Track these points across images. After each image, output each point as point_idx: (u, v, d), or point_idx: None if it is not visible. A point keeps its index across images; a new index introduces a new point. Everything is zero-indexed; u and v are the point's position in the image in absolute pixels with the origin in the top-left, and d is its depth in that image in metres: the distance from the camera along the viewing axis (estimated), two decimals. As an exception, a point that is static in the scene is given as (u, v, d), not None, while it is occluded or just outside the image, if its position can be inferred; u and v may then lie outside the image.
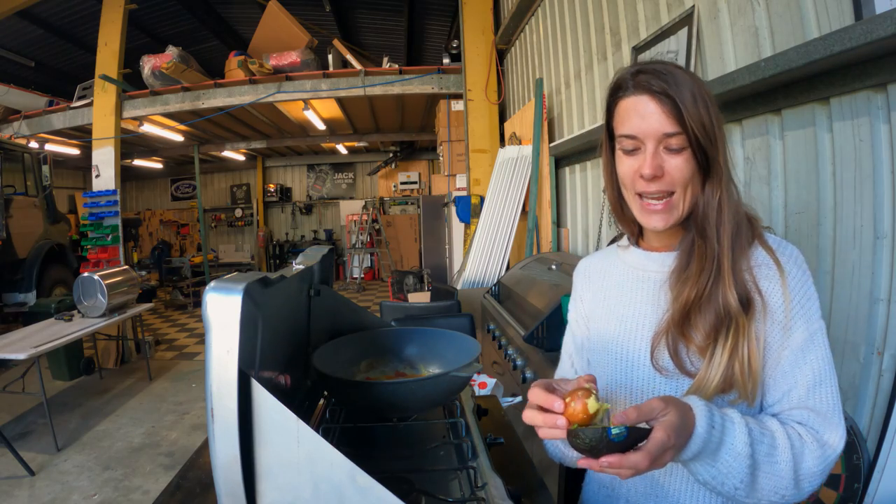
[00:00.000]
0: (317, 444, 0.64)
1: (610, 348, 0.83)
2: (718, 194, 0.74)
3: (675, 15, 1.94)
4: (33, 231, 5.88)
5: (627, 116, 0.74)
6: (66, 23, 6.33)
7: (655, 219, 0.76)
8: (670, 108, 0.71)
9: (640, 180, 0.74)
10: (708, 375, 0.70)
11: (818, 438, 0.68)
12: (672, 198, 0.74)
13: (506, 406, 1.51)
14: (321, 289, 1.12)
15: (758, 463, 0.65)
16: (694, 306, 0.73)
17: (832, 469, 1.18)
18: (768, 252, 0.75)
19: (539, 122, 3.37)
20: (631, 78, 0.74)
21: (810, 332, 0.72)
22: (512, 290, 2.54)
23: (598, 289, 0.90)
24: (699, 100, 0.71)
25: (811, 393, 0.70)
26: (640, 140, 0.73)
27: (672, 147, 0.72)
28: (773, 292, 0.73)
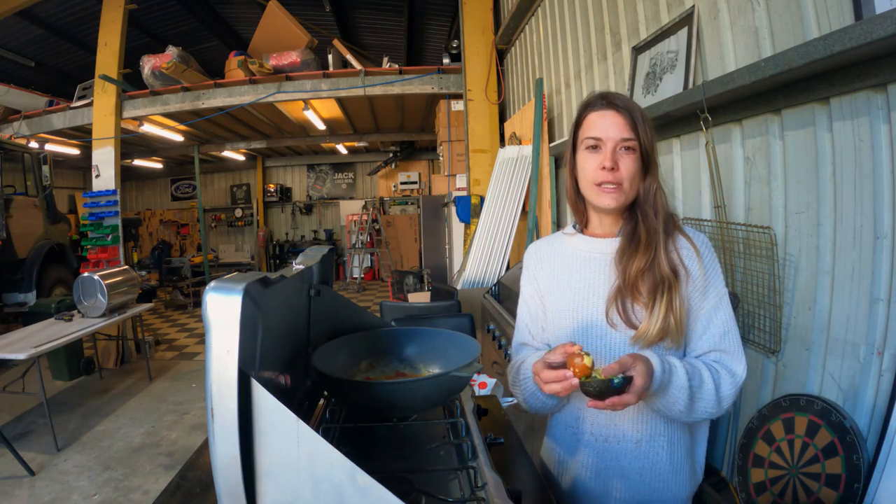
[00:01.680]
0: (317, 444, 0.64)
1: (568, 314, 1.05)
2: (655, 186, 1.01)
3: (675, 15, 1.94)
4: (33, 231, 5.88)
5: (595, 124, 1.01)
6: (66, 23, 6.32)
7: (608, 199, 1.00)
8: (629, 121, 0.98)
9: (600, 172, 0.99)
10: (650, 325, 0.95)
11: (729, 370, 0.97)
12: (622, 187, 0.99)
13: (506, 406, 1.50)
14: (321, 289, 1.12)
15: (693, 392, 0.92)
16: (641, 273, 0.97)
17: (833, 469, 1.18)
18: (687, 239, 1.02)
19: (539, 122, 3.37)
20: (599, 98, 1.02)
21: (718, 297, 1.00)
22: (512, 290, 2.54)
23: (551, 268, 1.12)
24: (645, 121, 1.00)
25: (721, 339, 0.99)
26: (602, 141, 0.99)
27: (626, 147, 0.98)
28: (693, 267, 0.99)
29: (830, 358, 1.32)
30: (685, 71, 1.82)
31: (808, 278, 1.39)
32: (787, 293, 1.45)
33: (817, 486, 1.26)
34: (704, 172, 1.76)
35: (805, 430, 1.32)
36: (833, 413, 1.27)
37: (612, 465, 1.02)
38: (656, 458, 1.01)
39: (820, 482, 1.26)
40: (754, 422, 1.48)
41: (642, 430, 1.01)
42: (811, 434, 1.31)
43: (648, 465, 1.01)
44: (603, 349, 1.01)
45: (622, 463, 1.02)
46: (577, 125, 1.05)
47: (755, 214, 1.57)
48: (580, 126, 1.04)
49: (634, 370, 0.85)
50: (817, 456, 1.28)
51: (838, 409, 1.26)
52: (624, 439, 1.02)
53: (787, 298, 1.45)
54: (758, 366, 1.55)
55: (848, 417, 1.24)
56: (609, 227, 1.07)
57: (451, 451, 1.01)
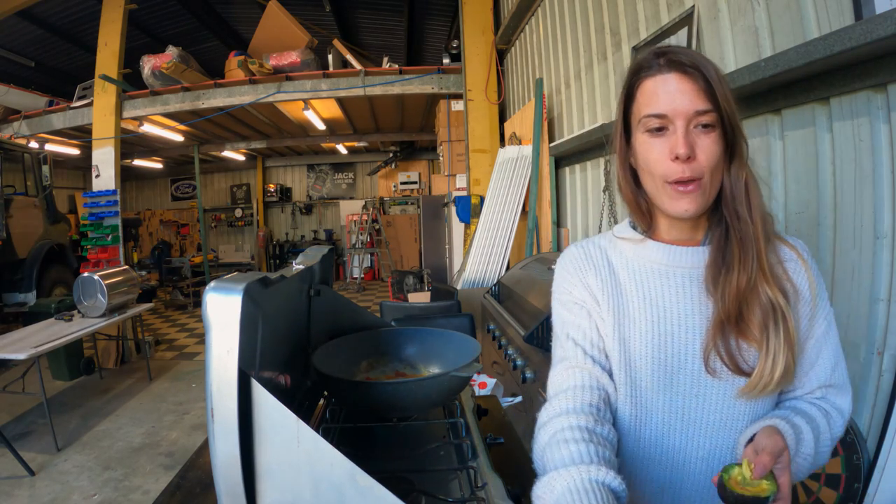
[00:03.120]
0: (317, 444, 0.64)
1: (644, 353, 0.76)
2: (744, 174, 0.73)
3: (675, 15, 1.94)
4: (33, 231, 5.88)
5: (654, 95, 0.71)
6: (66, 23, 6.32)
7: (686, 202, 0.71)
8: (702, 84, 0.69)
9: (671, 164, 0.70)
10: (766, 370, 0.70)
11: (838, 408, 0.77)
12: (702, 182, 0.70)
13: (506, 406, 1.50)
14: (321, 289, 1.12)
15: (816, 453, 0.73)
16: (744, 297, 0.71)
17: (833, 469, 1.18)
18: (789, 247, 0.77)
19: (539, 122, 3.37)
20: (655, 58, 0.72)
21: (828, 320, 0.77)
22: (512, 290, 2.54)
23: (613, 284, 0.80)
24: (722, 81, 0.70)
25: (833, 373, 0.77)
26: (669, 119, 0.70)
27: (703, 123, 0.70)
28: (802, 284, 0.75)
29: (830, 358, 1.32)
30: (685, 71, 1.82)
31: (808, 278, 1.39)
32: (787, 293, 1.45)
33: (817, 486, 1.26)
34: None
35: (805, 430, 1.32)
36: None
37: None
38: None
39: (820, 482, 1.26)
40: (754, 422, 1.47)
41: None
42: (811, 434, 1.31)
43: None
44: (694, 403, 0.74)
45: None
46: (627, 97, 0.76)
47: (755, 214, 1.56)
48: (632, 99, 0.75)
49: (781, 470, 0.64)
50: (817, 456, 1.28)
51: (838, 409, 1.26)
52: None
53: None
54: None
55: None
56: (688, 230, 0.78)
57: (451, 451, 1.01)
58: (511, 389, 2.09)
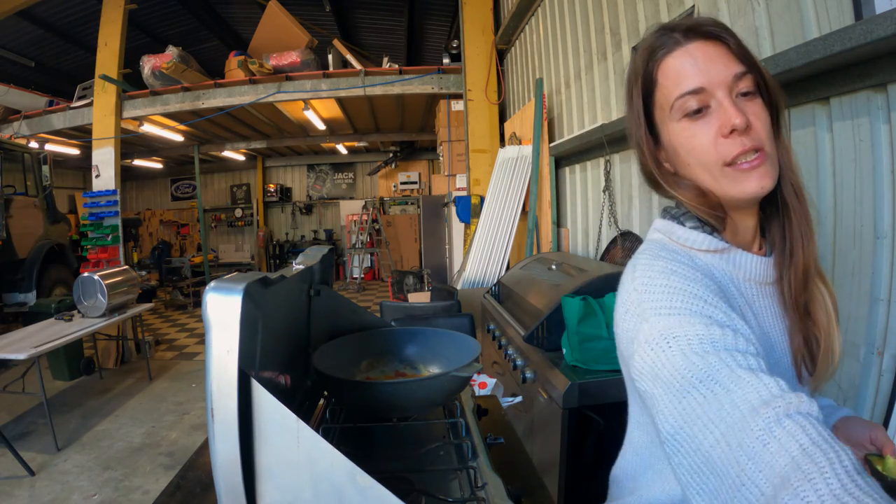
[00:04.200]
0: (317, 444, 0.64)
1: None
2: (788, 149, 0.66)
3: (674, 15, 1.94)
4: (33, 231, 5.88)
5: (683, 71, 0.61)
6: (66, 23, 6.32)
7: (756, 177, 0.60)
8: (733, 45, 0.61)
9: (725, 142, 0.60)
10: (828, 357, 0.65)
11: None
12: (766, 154, 0.60)
13: (506, 406, 1.51)
14: (321, 289, 1.12)
15: None
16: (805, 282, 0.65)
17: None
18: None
19: (539, 122, 3.37)
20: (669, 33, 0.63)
21: None
22: (512, 290, 2.54)
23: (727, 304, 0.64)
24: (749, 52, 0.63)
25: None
26: (707, 92, 0.60)
27: (743, 91, 0.61)
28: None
29: (830, 358, 1.32)
30: (685, 71, 1.82)
31: (808, 278, 1.39)
32: (787, 293, 1.45)
33: (817, 486, 1.26)
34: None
35: (805, 430, 1.32)
36: (833, 413, 1.27)
37: None
38: None
39: (820, 482, 1.26)
40: (754, 422, 1.47)
41: None
42: (811, 434, 1.30)
43: None
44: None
45: None
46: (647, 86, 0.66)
47: (755, 214, 1.57)
48: (655, 85, 0.65)
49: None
50: (817, 456, 1.28)
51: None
52: None
53: (787, 298, 1.44)
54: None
55: (848, 417, 1.24)
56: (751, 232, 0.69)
57: (451, 451, 1.01)
58: (511, 389, 2.09)
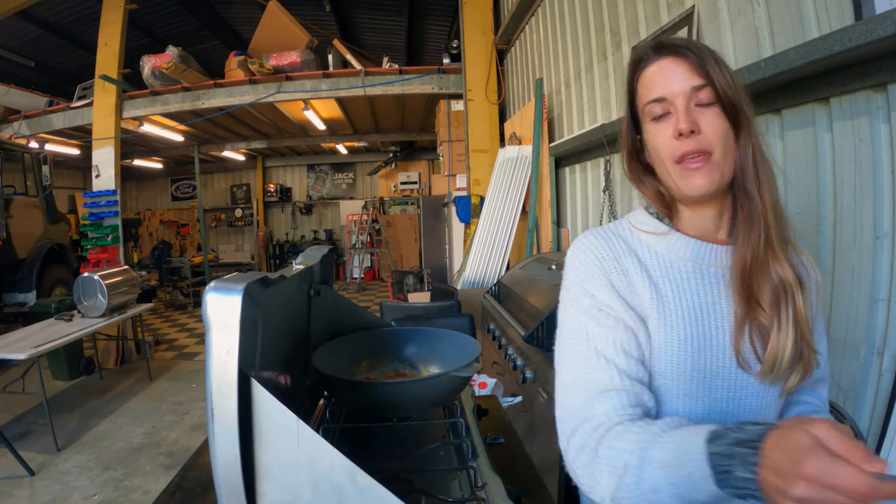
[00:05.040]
0: (317, 444, 0.64)
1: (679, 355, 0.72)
2: (751, 148, 0.72)
3: (675, 15, 1.94)
4: (33, 231, 5.88)
5: (653, 82, 0.73)
6: (66, 23, 6.32)
7: (697, 178, 0.70)
8: (695, 63, 0.71)
9: (676, 142, 0.71)
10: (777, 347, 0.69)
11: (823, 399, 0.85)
12: (713, 158, 0.70)
13: (506, 406, 1.51)
14: (321, 289, 1.12)
15: None
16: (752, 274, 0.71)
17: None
18: (803, 254, 0.81)
19: (539, 122, 3.37)
20: (650, 49, 0.75)
21: (824, 321, 0.86)
22: (512, 290, 2.54)
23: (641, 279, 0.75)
24: (718, 62, 0.72)
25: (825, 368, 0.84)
26: (669, 101, 0.71)
27: (702, 101, 0.71)
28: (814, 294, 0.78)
29: (830, 358, 1.32)
30: (685, 71, 1.82)
31: (808, 278, 1.39)
32: (787, 293, 1.45)
33: (817, 486, 1.26)
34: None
35: (805, 430, 1.32)
36: (833, 413, 1.26)
37: None
38: None
39: (820, 482, 1.26)
40: (754, 422, 1.47)
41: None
42: (811, 434, 1.30)
43: None
44: (732, 406, 0.73)
45: None
46: (631, 93, 0.78)
47: (755, 214, 1.57)
48: (635, 93, 0.77)
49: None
50: (817, 456, 1.28)
51: (838, 409, 1.26)
52: None
53: (787, 298, 1.45)
54: (758, 366, 1.55)
55: (848, 417, 1.24)
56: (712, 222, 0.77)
57: (451, 451, 1.01)
58: (511, 389, 2.09)
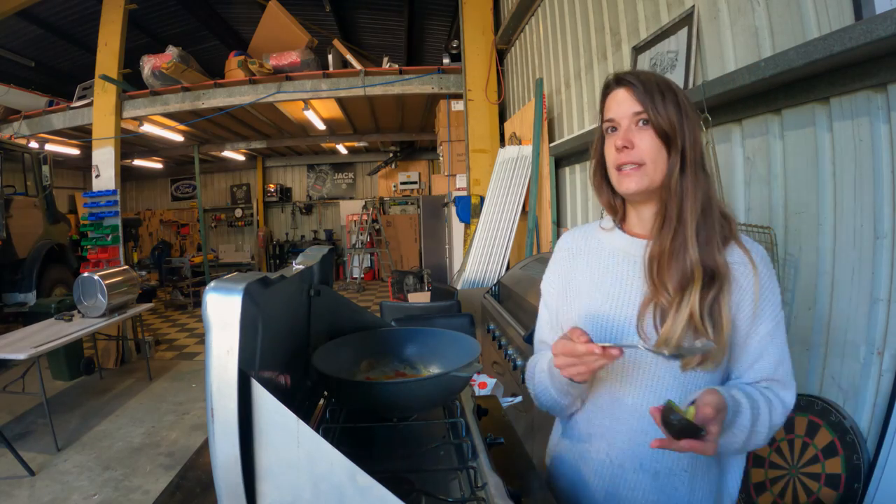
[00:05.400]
0: (317, 444, 0.64)
1: (598, 321, 0.93)
2: (678, 164, 0.87)
3: (675, 15, 1.94)
4: (33, 231, 5.88)
5: (609, 106, 0.93)
6: (66, 23, 6.32)
7: (628, 181, 0.89)
8: (639, 95, 0.89)
9: (617, 154, 0.90)
10: (673, 326, 0.84)
11: (782, 401, 0.89)
12: (644, 167, 0.88)
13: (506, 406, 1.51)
14: (321, 289, 1.12)
15: (752, 430, 0.84)
16: (662, 263, 0.87)
17: (833, 469, 1.19)
18: (745, 252, 0.89)
19: (539, 122, 3.37)
20: (613, 80, 0.94)
21: (776, 322, 0.90)
22: (512, 290, 2.54)
23: (585, 265, 0.99)
24: (667, 96, 0.88)
25: (776, 368, 0.89)
26: (617, 121, 0.91)
27: (642, 122, 0.88)
28: (747, 287, 0.88)
29: (830, 358, 1.32)
30: (685, 71, 1.82)
31: (808, 278, 1.39)
32: (787, 293, 1.45)
33: (817, 486, 1.26)
34: (704, 172, 1.75)
35: (805, 430, 1.32)
36: (833, 413, 1.27)
37: (625, 494, 0.92)
38: (674, 494, 0.91)
39: (820, 482, 1.26)
40: (754, 422, 1.48)
41: (663, 462, 0.90)
42: (811, 434, 1.31)
43: (664, 499, 0.91)
44: (631, 365, 0.91)
45: (635, 494, 0.92)
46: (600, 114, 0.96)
47: (755, 214, 1.57)
48: (602, 113, 0.96)
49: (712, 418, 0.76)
50: (817, 456, 1.28)
51: (838, 409, 1.26)
52: (641, 469, 0.91)
53: (787, 298, 1.45)
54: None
55: (848, 417, 1.24)
56: (650, 222, 0.94)
57: (451, 451, 1.01)
58: (511, 389, 2.09)
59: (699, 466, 0.91)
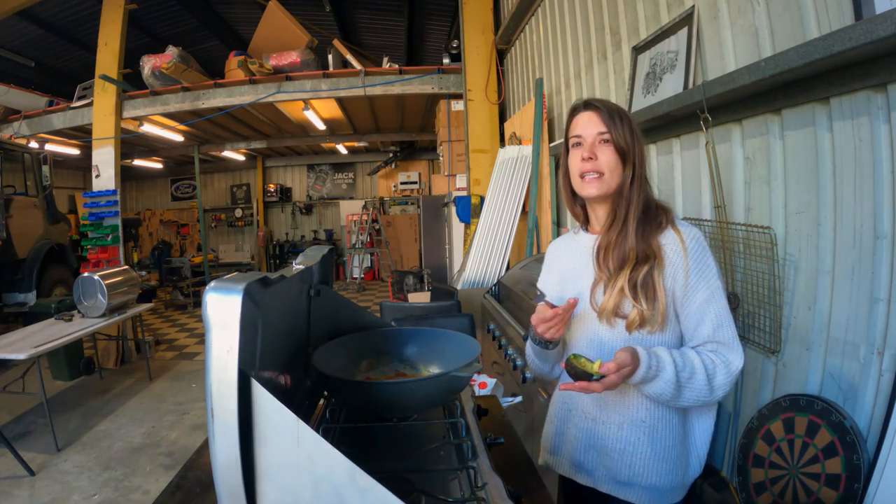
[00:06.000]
0: (317, 444, 0.64)
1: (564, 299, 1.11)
2: (631, 174, 1.09)
3: (675, 15, 1.94)
4: (33, 231, 5.88)
5: (576, 125, 1.14)
6: (66, 23, 6.32)
7: (590, 187, 1.10)
8: (604, 118, 1.10)
9: (581, 163, 1.10)
10: (608, 300, 1.06)
11: (724, 361, 1.02)
12: (603, 176, 1.09)
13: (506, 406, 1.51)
14: (321, 289, 1.12)
15: (681, 384, 1.01)
16: (607, 251, 1.08)
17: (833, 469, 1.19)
18: (676, 233, 1.06)
19: (539, 122, 3.37)
20: (581, 104, 1.15)
21: (710, 290, 1.04)
22: (512, 290, 2.54)
23: (558, 263, 1.24)
24: (624, 121, 1.10)
25: (716, 332, 1.04)
26: (583, 137, 1.11)
27: (603, 140, 1.09)
28: (675, 259, 1.05)
29: (830, 358, 1.32)
30: (685, 71, 1.82)
31: (807, 278, 1.39)
32: (786, 293, 1.45)
33: (817, 486, 1.26)
34: (704, 172, 1.76)
35: (805, 430, 1.32)
36: (833, 413, 1.27)
37: (597, 442, 1.13)
38: (637, 443, 1.08)
39: (820, 482, 1.26)
40: (754, 422, 1.48)
41: (624, 414, 1.09)
42: (811, 434, 1.31)
43: (629, 448, 1.09)
44: (586, 334, 1.12)
45: (605, 442, 1.11)
46: (566, 131, 1.17)
47: (755, 214, 1.57)
48: (568, 130, 1.16)
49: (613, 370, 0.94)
50: (817, 456, 1.28)
51: (838, 408, 1.26)
52: (608, 421, 1.11)
53: (787, 298, 1.45)
54: (758, 366, 1.55)
55: (848, 417, 1.24)
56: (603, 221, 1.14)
57: (451, 451, 1.01)
58: (511, 389, 2.09)
59: (659, 421, 1.08)
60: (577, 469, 1.17)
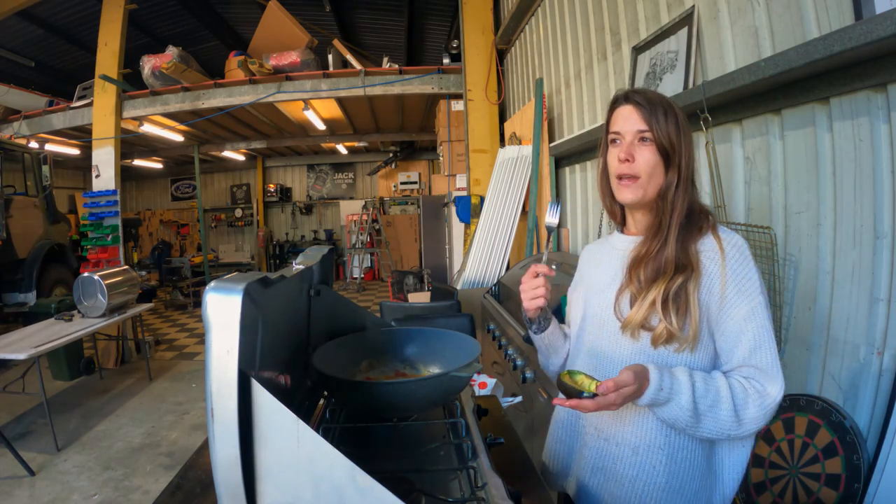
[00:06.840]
0: (317, 444, 0.64)
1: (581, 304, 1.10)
2: (676, 179, 0.97)
3: (675, 15, 1.94)
4: (33, 231, 5.88)
5: (615, 120, 1.02)
6: (66, 23, 6.32)
7: (625, 192, 0.99)
8: (645, 114, 0.97)
9: (618, 164, 0.99)
10: (635, 313, 0.94)
11: (759, 390, 0.88)
12: (639, 181, 0.97)
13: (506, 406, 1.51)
14: (321, 289, 1.12)
15: (700, 413, 0.88)
16: (642, 261, 0.97)
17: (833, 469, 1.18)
18: (716, 240, 0.95)
19: (539, 122, 3.37)
20: (622, 95, 1.03)
21: (751, 307, 0.91)
22: (512, 290, 2.54)
23: (593, 265, 1.14)
24: (669, 116, 0.97)
25: (752, 355, 0.90)
26: (622, 135, 1.00)
27: (643, 139, 0.97)
28: (712, 268, 0.93)
29: (830, 358, 1.32)
30: (685, 71, 1.82)
31: (808, 278, 1.39)
32: (787, 293, 1.45)
33: (817, 486, 1.26)
34: (704, 172, 1.76)
35: (805, 430, 1.32)
36: (833, 413, 1.27)
37: (608, 465, 1.00)
38: (652, 472, 0.95)
39: (820, 482, 1.26)
40: (754, 422, 1.47)
41: (641, 438, 0.96)
42: (811, 434, 1.31)
43: (643, 476, 0.96)
44: (606, 340, 1.01)
45: (617, 467, 0.99)
46: (606, 124, 1.05)
47: (755, 214, 1.57)
48: (608, 123, 1.04)
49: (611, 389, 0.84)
50: (817, 456, 1.28)
51: (838, 408, 1.26)
52: (623, 443, 0.98)
53: (787, 298, 1.45)
54: (758, 366, 1.55)
55: (848, 417, 1.24)
56: (642, 224, 1.04)
57: (451, 451, 1.01)
58: (511, 389, 2.09)
59: (679, 451, 0.94)
60: (580, 491, 1.05)
